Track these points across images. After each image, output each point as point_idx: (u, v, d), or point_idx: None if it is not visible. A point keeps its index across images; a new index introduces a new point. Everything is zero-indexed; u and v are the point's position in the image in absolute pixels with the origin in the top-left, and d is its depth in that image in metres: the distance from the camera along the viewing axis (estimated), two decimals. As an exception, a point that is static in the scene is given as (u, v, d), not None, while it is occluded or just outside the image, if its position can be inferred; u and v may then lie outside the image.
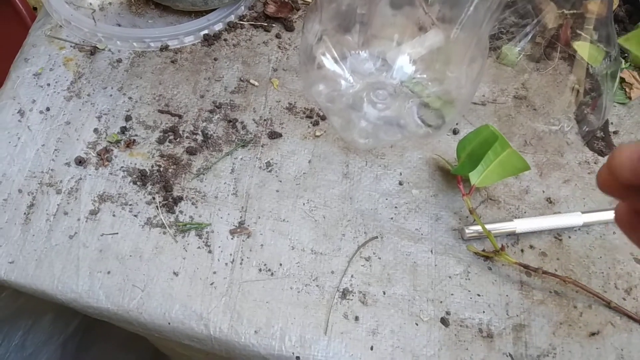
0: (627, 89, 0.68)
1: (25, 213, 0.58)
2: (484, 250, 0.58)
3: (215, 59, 0.69)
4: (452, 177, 0.61)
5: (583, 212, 0.59)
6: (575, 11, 0.76)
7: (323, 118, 0.66)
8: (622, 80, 0.69)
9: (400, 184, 0.62)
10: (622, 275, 0.57)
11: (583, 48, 0.70)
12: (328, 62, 0.65)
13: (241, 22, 0.72)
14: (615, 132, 0.66)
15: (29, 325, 0.76)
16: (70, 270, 0.55)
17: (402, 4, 0.76)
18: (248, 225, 0.58)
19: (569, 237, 0.59)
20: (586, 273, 0.57)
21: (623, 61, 0.71)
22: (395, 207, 0.60)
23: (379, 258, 0.57)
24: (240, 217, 0.58)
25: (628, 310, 0.55)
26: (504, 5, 0.76)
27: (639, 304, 0.56)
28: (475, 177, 0.57)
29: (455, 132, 0.66)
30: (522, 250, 0.58)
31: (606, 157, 0.65)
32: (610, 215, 0.60)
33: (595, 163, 0.64)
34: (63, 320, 0.87)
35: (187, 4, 0.70)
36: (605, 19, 0.69)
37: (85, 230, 0.57)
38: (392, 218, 0.59)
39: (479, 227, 0.57)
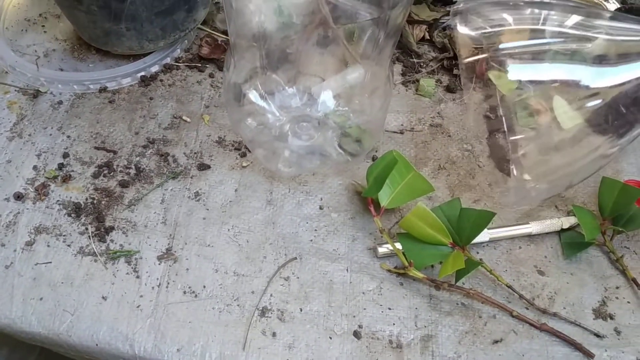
0: (536, 115, 0.73)
1: (-35, 246, 0.61)
2: (395, 267, 0.62)
3: (151, 98, 0.74)
4: (367, 200, 0.66)
5: (489, 229, 0.64)
6: (490, 44, 0.82)
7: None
8: (530, 106, 0.74)
9: (321, 208, 0.66)
10: (525, 286, 0.62)
11: (497, 78, 0.76)
12: (255, 98, 0.70)
13: (177, 64, 0.78)
14: (523, 155, 0.71)
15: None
16: (5, 298, 0.58)
17: (328, 43, 0.82)
18: (175, 251, 0.62)
19: (477, 252, 0.64)
20: (492, 285, 0.61)
21: (532, 88, 0.76)
22: (315, 230, 0.64)
23: (298, 277, 0.61)
24: (168, 244, 0.62)
25: (530, 318, 0.59)
26: (421, 39, 0.82)
27: (541, 312, 0.60)
28: (384, 199, 0.62)
29: (373, 159, 0.70)
30: (432, 266, 0.62)
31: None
32: (515, 231, 0.65)
33: (504, 183, 0.69)
34: (17, 356, 0.90)
35: (124, 49, 0.75)
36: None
37: (21, 260, 0.60)
38: (311, 240, 0.63)
39: (389, 246, 0.61)
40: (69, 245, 0.61)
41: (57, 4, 0.73)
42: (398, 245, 0.61)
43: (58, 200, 0.64)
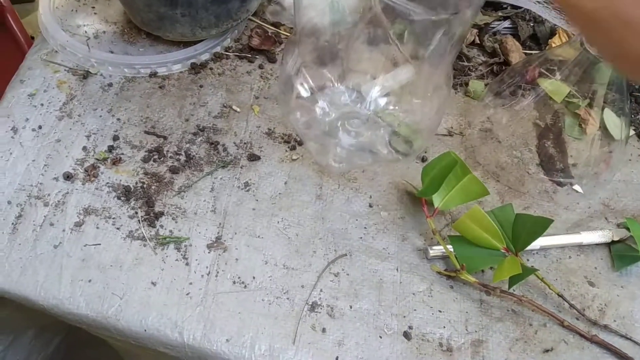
0: (583, 125, 0.73)
1: (13, 223, 0.61)
2: (446, 270, 0.61)
3: (201, 86, 0.73)
4: (418, 200, 0.65)
5: (541, 237, 0.63)
6: (539, 52, 0.82)
7: (300, 143, 0.70)
8: (579, 116, 0.74)
9: (370, 206, 0.65)
10: (576, 296, 0.61)
11: (547, 85, 0.75)
12: (305, 92, 0.70)
13: (227, 53, 0.77)
14: (574, 165, 0.71)
15: (9, 341, 0.77)
16: (53, 278, 0.57)
17: (378, 41, 0.81)
18: (224, 241, 0.61)
19: (527, 259, 0.63)
20: (542, 293, 0.61)
21: (581, 99, 0.76)
22: (365, 228, 0.64)
23: (348, 274, 0.60)
24: (218, 233, 0.61)
25: (580, 329, 0.58)
26: (471, 43, 0.82)
27: (591, 324, 0.59)
28: (438, 200, 0.61)
29: (423, 159, 0.70)
30: (482, 271, 0.62)
31: (565, 188, 0.69)
32: (565, 239, 0.64)
33: (554, 192, 0.68)
34: (43, 339, 0.89)
35: (176, 35, 0.75)
36: (570, 62, 0.75)
37: (70, 241, 0.60)
38: (361, 237, 0.63)
39: (441, 248, 0.61)
40: (118, 229, 0.61)
41: (112, -14, 0.73)
42: (450, 248, 0.60)
43: (107, 183, 0.64)
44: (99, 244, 0.60)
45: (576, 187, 0.69)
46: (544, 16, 0.74)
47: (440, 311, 0.59)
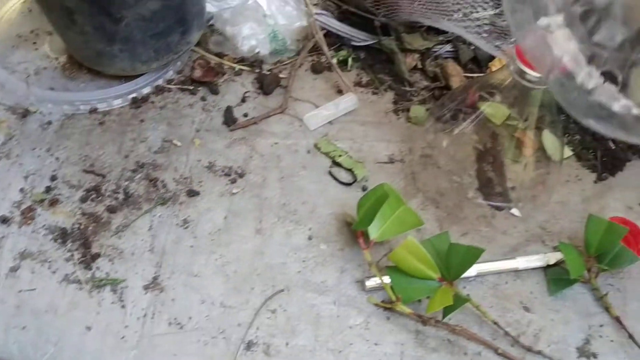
0: (522, 148, 0.74)
1: (-52, 270, 0.60)
2: (383, 301, 0.62)
3: (142, 121, 0.73)
4: (356, 232, 0.66)
5: (477, 263, 0.64)
6: (480, 75, 0.83)
7: (241, 175, 0.70)
8: (518, 139, 0.75)
9: (310, 238, 0.66)
10: (511, 322, 0.62)
11: (486, 108, 0.76)
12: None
13: (169, 86, 0.77)
14: (512, 188, 0.72)
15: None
16: (-13, 326, 0.57)
17: (321, 70, 0.82)
18: (161, 281, 0.61)
19: (464, 287, 0.64)
20: (479, 321, 0.62)
21: (520, 121, 0.77)
22: (304, 261, 0.64)
23: (285, 310, 0.61)
24: (155, 273, 0.62)
25: (514, 356, 0.59)
26: (413, 68, 0.82)
27: (525, 350, 0.60)
28: (374, 232, 0.62)
29: (364, 189, 0.71)
30: (420, 301, 0.62)
31: (503, 212, 0.70)
32: (501, 265, 0.65)
33: (492, 217, 0.69)
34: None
35: (116, 70, 0.75)
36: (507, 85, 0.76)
37: (5, 287, 0.60)
38: (299, 272, 0.63)
39: (378, 279, 0.61)
40: (54, 272, 0.61)
41: (50, 23, 0.73)
42: (386, 279, 0.61)
43: (44, 225, 0.64)
44: (34, 289, 0.60)
45: (514, 210, 0.70)
46: (479, 45, 0.75)
47: (376, 344, 0.59)
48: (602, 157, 0.74)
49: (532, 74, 0.61)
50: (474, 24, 0.76)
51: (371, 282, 0.62)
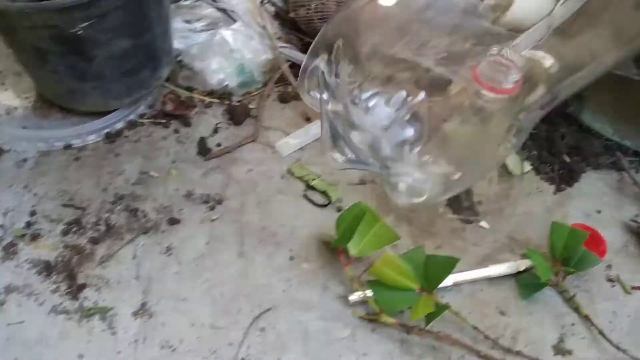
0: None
1: None
2: (367, 314, 0.64)
3: (117, 155, 0.75)
4: (336, 249, 0.68)
5: (452, 273, 0.67)
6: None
7: (219, 202, 0.72)
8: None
9: (292, 258, 0.68)
10: (489, 327, 0.65)
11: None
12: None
13: (141, 120, 0.79)
14: (479, 202, 0.76)
15: None
16: (-26, 363, 0.57)
17: (289, 99, 0.85)
18: (150, 306, 0.62)
19: (442, 296, 0.67)
20: (459, 327, 0.64)
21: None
22: (287, 280, 0.66)
23: (274, 327, 0.62)
24: (143, 299, 0.62)
25: (495, 357, 0.62)
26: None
27: (505, 351, 0.63)
28: (353, 249, 0.64)
29: (339, 209, 0.73)
30: (402, 311, 0.65)
31: (472, 225, 0.74)
32: (475, 274, 0.68)
33: (462, 230, 0.73)
34: None
35: (89, 106, 0.76)
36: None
37: (-9, 322, 0.59)
38: (284, 290, 0.65)
39: (360, 293, 0.64)
40: (41, 304, 0.61)
41: (20, 64, 0.74)
42: (369, 293, 0.63)
43: (27, 259, 0.64)
44: (23, 322, 0.59)
45: (482, 223, 0.74)
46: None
47: (364, 354, 0.61)
48: (559, 169, 0.79)
49: (488, 95, 0.64)
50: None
51: (354, 297, 0.64)
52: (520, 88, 0.63)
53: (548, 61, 0.66)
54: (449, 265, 0.63)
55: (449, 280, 0.66)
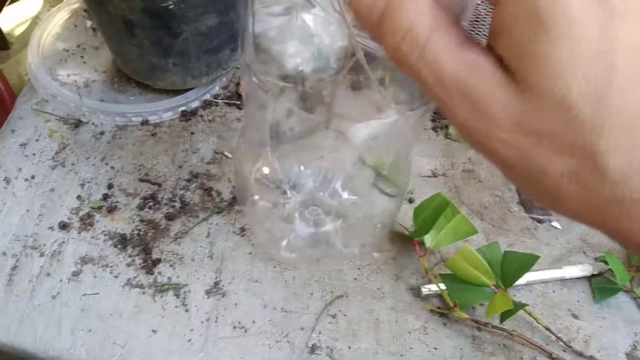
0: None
1: (8, 275, 0.61)
2: (439, 307, 0.63)
3: (192, 133, 0.75)
4: (409, 240, 0.67)
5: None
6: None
7: (293, 187, 0.72)
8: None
9: (363, 246, 0.67)
10: (561, 329, 0.64)
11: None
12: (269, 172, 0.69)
13: (216, 100, 0.79)
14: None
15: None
16: (53, 329, 0.57)
17: (361, 87, 0.84)
18: (223, 286, 0.62)
19: (514, 295, 0.66)
20: (530, 327, 0.63)
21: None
22: (359, 269, 0.66)
23: (345, 315, 0.62)
24: (216, 278, 0.63)
25: (568, 360, 0.61)
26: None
27: (577, 355, 0.62)
28: (429, 240, 0.64)
29: (410, 201, 0.73)
30: (473, 308, 0.64)
31: (544, 224, 0.73)
32: (549, 274, 0.67)
33: (535, 229, 0.72)
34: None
35: (167, 84, 0.76)
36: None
37: (68, 291, 0.60)
38: (355, 278, 0.65)
39: (434, 286, 0.63)
40: (116, 277, 0.62)
41: (104, 37, 0.75)
42: (442, 285, 0.63)
43: (104, 231, 0.65)
44: (98, 293, 0.60)
45: (555, 223, 0.73)
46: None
47: (435, 348, 0.61)
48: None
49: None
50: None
51: (426, 289, 0.64)
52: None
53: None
54: (528, 262, 0.62)
55: (521, 280, 0.65)
